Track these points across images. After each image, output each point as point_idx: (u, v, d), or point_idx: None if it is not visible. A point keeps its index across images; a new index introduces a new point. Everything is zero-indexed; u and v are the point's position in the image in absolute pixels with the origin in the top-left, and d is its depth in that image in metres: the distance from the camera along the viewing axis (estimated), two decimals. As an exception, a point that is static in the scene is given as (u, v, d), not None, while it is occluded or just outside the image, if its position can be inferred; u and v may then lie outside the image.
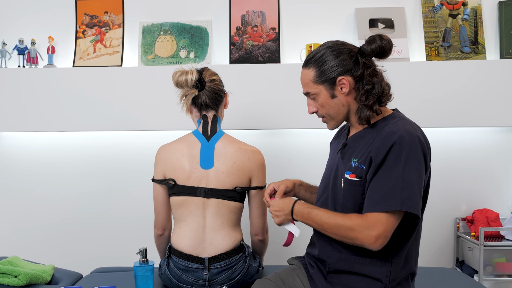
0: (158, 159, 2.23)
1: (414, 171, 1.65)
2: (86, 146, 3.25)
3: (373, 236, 1.63)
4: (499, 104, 2.99)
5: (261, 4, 3.15)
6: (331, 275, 1.83)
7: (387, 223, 1.64)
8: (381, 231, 1.63)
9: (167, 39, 3.15)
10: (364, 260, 1.75)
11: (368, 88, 1.76)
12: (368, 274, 1.75)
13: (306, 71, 1.85)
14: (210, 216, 2.15)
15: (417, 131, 1.72)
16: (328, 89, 1.80)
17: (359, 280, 1.77)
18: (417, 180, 1.65)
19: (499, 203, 3.20)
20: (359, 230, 1.66)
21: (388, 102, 1.83)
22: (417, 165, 1.66)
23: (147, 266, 2.05)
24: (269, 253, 2.68)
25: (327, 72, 1.78)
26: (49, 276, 2.35)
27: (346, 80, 1.77)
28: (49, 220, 3.27)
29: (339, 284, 1.80)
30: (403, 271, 1.77)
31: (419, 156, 1.67)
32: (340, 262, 1.80)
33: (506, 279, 2.96)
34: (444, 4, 3.15)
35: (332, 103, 1.82)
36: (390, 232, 1.65)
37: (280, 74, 3.02)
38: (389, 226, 1.64)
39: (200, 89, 2.18)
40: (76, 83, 3.06)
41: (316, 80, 1.81)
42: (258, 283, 1.93)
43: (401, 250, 1.75)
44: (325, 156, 2.42)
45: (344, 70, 1.77)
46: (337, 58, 1.78)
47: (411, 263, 1.80)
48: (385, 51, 1.77)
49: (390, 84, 1.83)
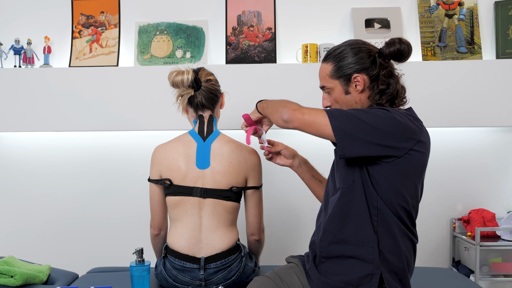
0: (154, 159, 2.22)
1: (372, 115, 1.69)
2: (83, 146, 3.25)
3: (297, 112, 1.75)
4: (495, 104, 3.00)
5: (257, 4, 3.15)
6: (323, 262, 1.83)
7: (316, 116, 1.72)
8: (305, 110, 1.75)
9: (163, 39, 3.15)
10: (357, 241, 1.76)
11: (382, 88, 1.81)
12: (360, 256, 1.75)
13: (324, 65, 1.89)
14: (206, 216, 2.14)
15: (418, 121, 1.77)
16: (343, 85, 1.84)
17: (350, 265, 1.77)
18: (366, 126, 1.67)
19: (495, 203, 3.21)
20: (295, 108, 1.78)
21: (402, 105, 1.88)
22: (382, 114, 1.70)
23: (143, 266, 2.05)
24: (265, 253, 2.67)
25: (343, 68, 1.82)
26: (45, 276, 2.35)
27: (361, 78, 1.81)
28: (46, 220, 3.27)
29: (332, 273, 1.80)
30: (395, 255, 1.77)
31: (395, 117, 1.70)
32: (332, 246, 1.80)
33: (502, 279, 2.96)
34: (440, 4, 3.15)
35: (346, 99, 1.85)
36: (308, 115, 1.73)
37: (276, 74, 3.02)
38: (313, 119, 1.72)
39: (196, 89, 2.18)
40: (72, 83, 3.05)
41: (333, 75, 1.85)
42: (256, 280, 1.93)
43: (390, 231, 1.75)
44: (322, 155, 2.42)
45: (361, 68, 1.81)
46: (356, 56, 1.82)
47: (402, 248, 1.79)
48: (403, 54, 1.82)
49: (405, 88, 1.88)
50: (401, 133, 1.70)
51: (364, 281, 1.74)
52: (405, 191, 1.75)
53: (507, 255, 2.98)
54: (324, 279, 1.81)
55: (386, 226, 1.75)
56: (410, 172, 1.75)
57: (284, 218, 3.21)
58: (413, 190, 1.78)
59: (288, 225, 3.23)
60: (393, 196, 1.74)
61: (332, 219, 1.81)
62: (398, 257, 1.77)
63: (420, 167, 1.77)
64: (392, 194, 1.74)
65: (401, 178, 1.73)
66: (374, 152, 1.69)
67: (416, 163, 1.75)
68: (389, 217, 1.74)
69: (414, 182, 1.77)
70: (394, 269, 1.76)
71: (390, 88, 1.81)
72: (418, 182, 1.79)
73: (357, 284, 1.75)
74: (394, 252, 1.76)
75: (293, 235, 3.23)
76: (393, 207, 1.74)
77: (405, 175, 1.74)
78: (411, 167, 1.74)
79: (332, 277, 1.80)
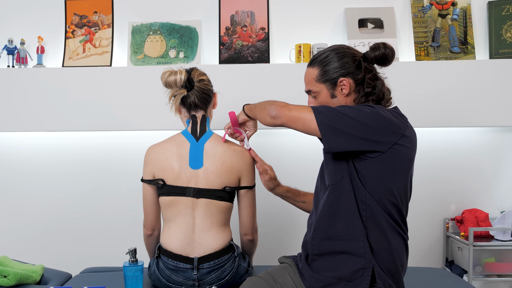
0: (147, 159, 2.22)
1: (356, 110, 1.72)
2: (76, 146, 3.25)
3: (284, 108, 1.82)
4: (488, 104, 3.00)
5: (251, 4, 3.15)
6: (315, 259, 1.84)
7: (302, 112, 1.77)
8: (292, 106, 1.81)
9: (157, 39, 3.15)
10: (347, 236, 1.77)
11: (368, 90, 1.85)
12: (352, 250, 1.76)
13: (310, 69, 1.93)
14: (199, 216, 2.14)
15: (403, 117, 1.80)
16: (329, 88, 1.88)
17: (342, 260, 1.78)
18: (351, 120, 1.71)
19: (489, 203, 3.21)
20: (282, 105, 1.85)
21: (388, 106, 1.90)
22: (369, 115, 1.72)
23: (136, 266, 2.05)
24: (259, 253, 2.67)
25: (329, 72, 1.86)
26: (39, 276, 2.35)
27: (346, 82, 1.85)
28: (39, 220, 3.26)
29: (325, 270, 1.81)
30: (386, 250, 1.77)
31: (379, 112, 1.72)
32: (323, 242, 1.81)
33: (495, 279, 2.96)
34: (433, 4, 3.15)
35: (332, 102, 1.88)
36: (292, 118, 1.79)
37: (270, 74, 3.02)
38: (299, 115, 1.77)
39: (189, 89, 2.18)
40: (66, 83, 3.05)
41: (319, 79, 1.89)
42: (249, 281, 1.93)
43: (380, 226, 1.76)
44: (314, 156, 2.42)
45: (346, 72, 1.85)
46: (341, 60, 1.86)
47: (392, 242, 1.79)
48: (387, 58, 1.86)
49: (390, 90, 1.91)
50: (386, 128, 1.73)
51: (356, 275, 1.76)
52: (393, 186, 1.77)
53: (501, 255, 2.98)
54: (317, 276, 1.82)
55: (376, 221, 1.76)
56: (397, 166, 1.76)
57: (278, 218, 3.21)
58: (401, 185, 1.80)
59: (281, 225, 3.23)
60: (381, 191, 1.76)
61: (323, 216, 1.82)
62: (389, 252, 1.78)
63: (406, 162, 1.79)
64: (380, 189, 1.75)
65: (388, 173, 1.75)
66: (359, 146, 1.72)
67: (402, 158, 1.77)
68: (378, 212, 1.76)
69: (402, 177, 1.79)
70: (386, 264, 1.78)
71: (376, 91, 1.85)
72: (406, 177, 1.81)
73: (350, 279, 1.76)
74: (384, 247, 1.77)
75: (286, 235, 3.23)
76: (382, 202, 1.76)
77: (391, 169, 1.75)
78: (397, 162, 1.76)
79: (325, 273, 1.81)
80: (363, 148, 1.72)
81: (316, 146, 2.25)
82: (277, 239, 3.24)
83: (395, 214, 1.79)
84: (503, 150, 3.22)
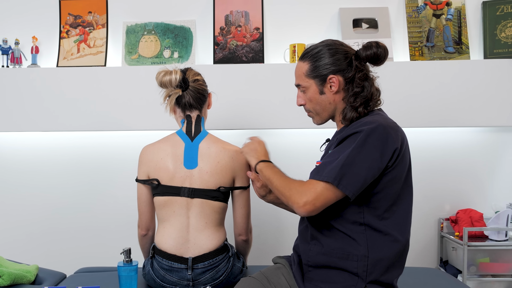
0: (141, 159, 2.22)
1: (363, 155, 1.68)
2: (71, 146, 3.24)
3: (302, 201, 1.68)
4: (483, 104, 3.00)
5: (245, 4, 3.15)
6: (310, 270, 1.84)
7: (320, 192, 1.68)
8: (311, 198, 1.67)
9: (151, 39, 3.15)
10: (342, 254, 1.76)
11: (357, 90, 1.82)
12: (345, 268, 1.76)
13: (301, 63, 1.90)
14: (194, 216, 2.15)
15: (387, 123, 1.75)
16: (318, 85, 1.86)
17: (336, 275, 1.78)
18: (363, 165, 1.67)
19: (483, 203, 3.21)
20: (294, 191, 1.72)
21: (377, 106, 1.88)
22: (371, 151, 1.68)
23: (131, 266, 2.05)
24: (253, 253, 2.67)
25: (320, 68, 1.84)
26: (33, 276, 2.35)
27: (336, 79, 1.83)
28: (33, 220, 3.26)
29: (318, 280, 1.81)
30: (382, 268, 1.76)
31: (377, 144, 1.69)
32: (319, 256, 1.81)
33: (489, 279, 2.97)
34: (428, 4, 3.15)
35: (320, 99, 1.87)
36: (320, 202, 1.68)
37: (264, 74, 3.02)
38: (320, 196, 1.67)
39: (184, 89, 2.18)
40: (60, 83, 3.05)
41: (309, 74, 1.86)
42: (243, 281, 1.93)
43: (379, 247, 1.75)
44: (309, 156, 2.42)
45: (337, 70, 1.83)
46: (332, 57, 1.83)
47: (393, 261, 1.79)
48: (379, 58, 1.83)
49: (380, 90, 1.88)
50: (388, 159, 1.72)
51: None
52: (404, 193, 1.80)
53: (495, 255, 2.98)
54: (309, 285, 1.83)
55: (373, 240, 1.75)
56: (404, 173, 1.79)
57: (272, 219, 3.21)
58: (410, 189, 1.83)
59: (275, 226, 3.23)
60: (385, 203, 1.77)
61: (320, 230, 1.83)
62: (385, 269, 1.77)
63: (407, 164, 1.81)
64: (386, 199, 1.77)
65: (399, 182, 1.77)
66: (373, 176, 1.72)
67: (405, 163, 1.79)
68: (376, 230, 1.76)
69: (408, 181, 1.82)
70: (380, 278, 1.77)
71: (365, 91, 1.82)
72: (410, 178, 1.83)
73: None
74: (381, 265, 1.76)
75: (281, 235, 3.23)
76: (381, 218, 1.76)
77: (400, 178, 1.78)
78: (404, 168, 1.78)
79: (317, 284, 1.82)
80: (376, 176, 1.73)
81: (311, 146, 2.25)
82: (271, 240, 3.24)
83: (393, 226, 1.79)
84: (498, 150, 3.22)
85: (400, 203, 1.78)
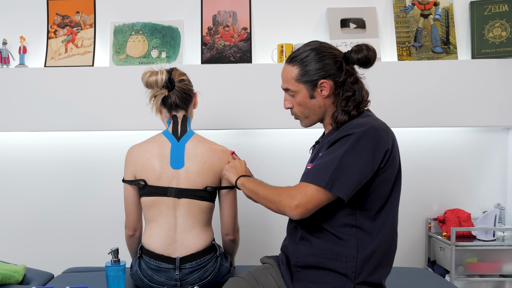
0: (128, 160, 2.22)
1: (355, 158, 1.67)
2: (58, 146, 3.24)
3: (294, 203, 1.68)
4: (470, 104, 3.00)
5: (233, 4, 3.15)
6: (298, 271, 1.84)
7: (311, 195, 1.68)
8: (303, 201, 1.68)
9: (139, 39, 3.15)
10: (331, 255, 1.77)
11: (348, 94, 1.81)
12: (334, 268, 1.76)
13: (289, 67, 1.87)
14: (181, 216, 2.14)
15: (378, 125, 1.75)
16: (309, 89, 1.83)
17: (325, 275, 1.78)
18: (355, 167, 1.67)
19: (471, 203, 3.21)
20: (284, 196, 1.72)
21: (366, 107, 1.87)
22: (363, 153, 1.68)
23: (118, 266, 2.04)
24: (241, 253, 2.68)
25: (310, 73, 1.82)
26: (21, 276, 2.34)
27: (327, 84, 1.81)
28: (21, 220, 3.26)
29: (306, 280, 1.82)
30: (371, 268, 1.77)
31: (368, 146, 1.69)
32: (308, 256, 1.81)
33: (477, 279, 2.97)
34: (415, 4, 3.15)
35: (310, 103, 1.86)
36: (312, 205, 1.68)
37: (252, 74, 3.02)
38: (312, 199, 1.68)
39: (170, 89, 2.18)
40: (48, 83, 3.05)
41: (299, 79, 1.84)
42: (231, 281, 1.93)
43: (367, 247, 1.76)
44: (296, 156, 2.43)
45: (327, 74, 1.81)
46: (322, 61, 1.81)
47: (380, 261, 1.80)
48: (369, 61, 1.83)
49: (369, 92, 1.88)
50: (380, 160, 1.72)
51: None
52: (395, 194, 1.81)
53: (483, 255, 2.98)
54: (298, 285, 1.83)
55: (362, 241, 1.76)
56: (395, 173, 1.80)
57: (259, 219, 3.21)
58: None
59: (263, 226, 3.23)
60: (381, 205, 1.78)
61: (309, 231, 1.83)
62: (373, 268, 1.78)
63: (398, 165, 1.82)
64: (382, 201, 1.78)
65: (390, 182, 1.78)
66: (366, 178, 1.72)
67: (395, 164, 1.79)
68: (366, 231, 1.76)
69: (397, 181, 1.82)
70: (368, 279, 1.77)
71: (356, 95, 1.81)
72: (400, 178, 1.83)
73: None
74: (369, 265, 1.77)
75: (268, 235, 3.23)
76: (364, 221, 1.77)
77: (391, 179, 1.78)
78: (394, 169, 1.79)
79: (306, 284, 1.82)
80: (368, 177, 1.73)
81: (298, 147, 2.24)
82: (259, 239, 3.24)
83: (381, 226, 1.80)
84: (485, 151, 3.22)
85: (390, 203, 1.79)
